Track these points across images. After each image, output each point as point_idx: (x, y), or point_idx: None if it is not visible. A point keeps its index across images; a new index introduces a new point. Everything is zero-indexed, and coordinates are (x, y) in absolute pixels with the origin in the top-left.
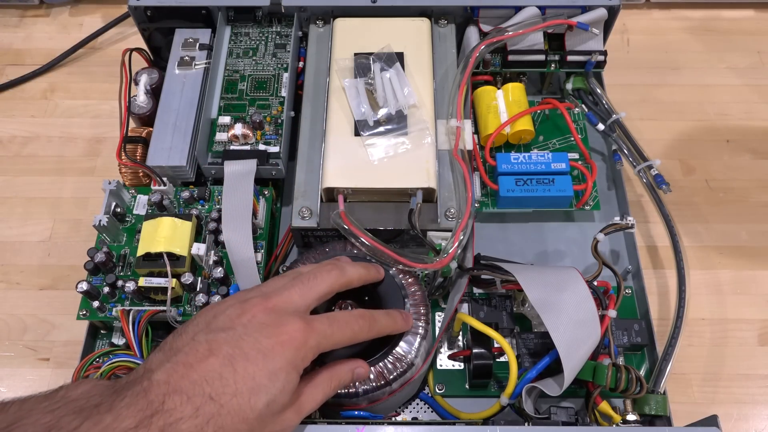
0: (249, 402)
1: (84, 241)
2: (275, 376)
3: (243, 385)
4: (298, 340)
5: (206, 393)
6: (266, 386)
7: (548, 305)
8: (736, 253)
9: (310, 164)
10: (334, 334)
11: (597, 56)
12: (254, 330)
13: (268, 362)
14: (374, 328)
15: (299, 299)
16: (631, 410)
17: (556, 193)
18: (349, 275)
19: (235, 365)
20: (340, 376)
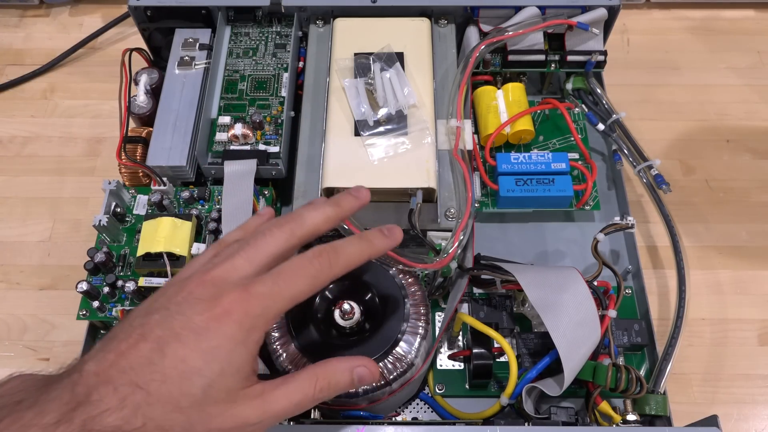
0: (180, 388)
1: (84, 241)
2: (210, 356)
3: (172, 369)
4: (237, 311)
5: (133, 381)
6: (199, 369)
7: (548, 305)
8: (736, 253)
9: (310, 164)
10: (283, 289)
11: (597, 56)
12: (187, 307)
13: (201, 341)
14: (338, 261)
15: (244, 264)
16: (631, 410)
17: (556, 193)
18: (309, 224)
19: (164, 349)
20: (330, 375)
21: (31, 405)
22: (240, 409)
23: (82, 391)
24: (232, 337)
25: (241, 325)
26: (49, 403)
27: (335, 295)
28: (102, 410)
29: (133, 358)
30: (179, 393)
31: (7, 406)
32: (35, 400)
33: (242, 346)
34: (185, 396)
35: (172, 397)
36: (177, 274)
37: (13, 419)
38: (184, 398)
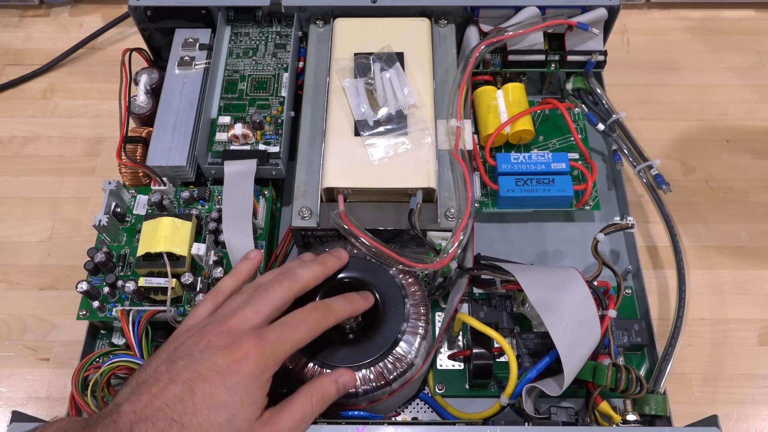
0: (209, 418)
1: (84, 241)
2: (233, 390)
3: (202, 403)
4: (253, 354)
5: (169, 416)
6: (224, 402)
7: (548, 305)
8: (736, 253)
9: (310, 164)
10: (289, 336)
11: (597, 56)
12: (210, 354)
13: (225, 380)
14: (330, 316)
15: (254, 316)
16: (631, 410)
17: (556, 193)
18: (302, 280)
19: (194, 388)
20: (322, 389)
21: None
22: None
23: (125, 428)
24: (250, 375)
25: (257, 365)
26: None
27: (335, 295)
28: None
29: (167, 397)
30: (208, 423)
31: None
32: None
33: (258, 383)
34: (213, 425)
35: (203, 426)
36: (184, 323)
37: None
38: (212, 427)
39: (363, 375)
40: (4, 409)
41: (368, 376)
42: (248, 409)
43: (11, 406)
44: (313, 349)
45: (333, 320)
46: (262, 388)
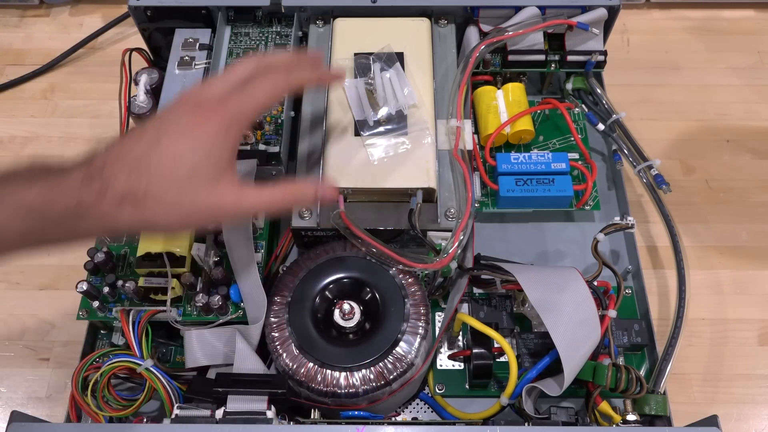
0: (173, 165)
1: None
2: (197, 144)
3: (167, 152)
4: (216, 114)
5: (136, 159)
6: (187, 153)
7: (548, 305)
8: (736, 253)
9: (310, 164)
10: (251, 97)
11: (597, 56)
12: (176, 116)
13: (188, 135)
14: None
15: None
16: (631, 410)
17: (556, 193)
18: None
19: (160, 140)
20: (299, 189)
21: (57, 174)
22: (219, 189)
23: (97, 167)
24: (213, 132)
25: (220, 123)
26: (71, 173)
27: (335, 295)
28: (114, 176)
29: (136, 147)
30: (172, 168)
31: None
32: (59, 171)
33: (222, 139)
34: (176, 171)
35: (167, 171)
36: None
37: (44, 183)
38: (175, 173)
39: (363, 375)
40: (4, 409)
41: (368, 376)
42: (212, 165)
43: (11, 406)
44: (313, 349)
45: (294, 82)
46: (228, 145)
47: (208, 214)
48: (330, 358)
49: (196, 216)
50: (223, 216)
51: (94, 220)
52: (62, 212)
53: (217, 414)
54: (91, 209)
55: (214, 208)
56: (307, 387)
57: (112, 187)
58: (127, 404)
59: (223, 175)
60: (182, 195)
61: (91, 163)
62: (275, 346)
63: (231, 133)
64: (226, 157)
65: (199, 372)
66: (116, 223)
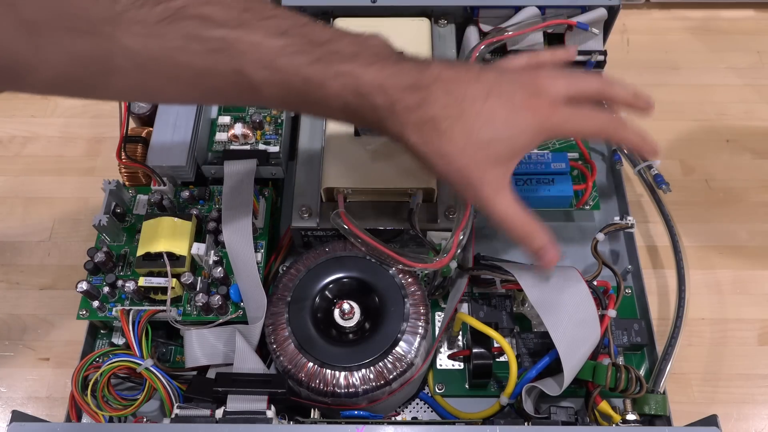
0: (482, 125)
1: (84, 241)
2: (510, 124)
3: (485, 111)
4: (542, 112)
5: (459, 100)
6: (498, 125)
7: (548, 305)
8: (736, 253)
9: (310, 164)
10: (578, 120)
11: (597, 56)
12: (516, 86)
13: (510, 111)
14: (623, 130)
15: (563, 87)
16: (631, 410)
17: (556, 193)
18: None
19: (488, 96)
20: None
21: (395, 62)
22: (489, 175)
23: (426, 81)
24: (531, 124)
25: (541, 123)
26: (404, 71)
27: (335, 295)
28: (435, 100)
29: (465, 88)
30: (478, 128)
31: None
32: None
33: (531, 135)
34: (479, 133)
35: (473, 126)
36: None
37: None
38: (476, 133)
39: (363, 375)
40: (4, 409)
41: (368, 375)
42: (505, 151)
43: (11, 405)
44: (313, 349)
45: (620, 138)
46: (528, 145)
47: (462, 186)
48: (330, 358)
49: (454, 179)
50: (469, 196)
51: (395, 125)
52: (378, 105)
53: (217, 414)
54: (399, 115)
55: (472, 185)
56: (306, 387)
57: (426, 108)
58: (127, 404)
59: (503, 166)
60: (463, 154)
61: (423, 72)
62: (275, 345)
63: (541, 135)
64: (519, 152)
65: (199, 372)
66: (405, 137)
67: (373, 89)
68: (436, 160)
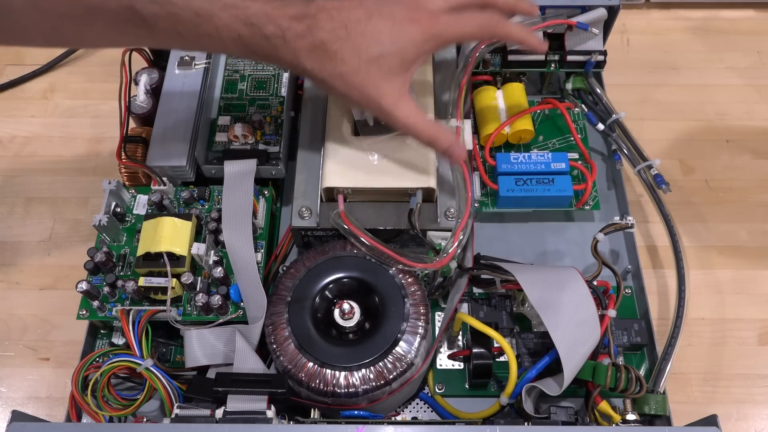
0: (369, 43)
1: (84, 241)
2: (396, 38)
3: (370, 30)
4: (424, 23)
5: (344, 23)
6: (384, 41)
7: (548, 305)
8: (736, 253)
9: (310, 164)
10: (458, 24)
11: (597, 56)
12: (395, 4)
13: (394, 26)
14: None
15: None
16: (631, 410)
17: (556, 192)
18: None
19: (371, 17)
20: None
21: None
22: (387, 87)
23: (311, 12)
24: (415, 35)
25: (425, 32)
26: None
27: (335, 295)
28: (319, 26)
29: (347, 14)
30: (366, 46)
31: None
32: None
33: (418, 45)
34: (367, 50)
35: (361, 45)
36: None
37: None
38: (366, 51)
39: (363, 375)
40: (4, 409)
41: (368, 375)
42: (396, 64)
43: (11, 405)
44: (313, 349)
45: (502, 32)
46: (418, 55)
47: (363, 102)
48: (330, 358)
49: (354, 97)
50: (371, 109)
51: (289, 54)
52: (268, 34)
53: (217, 414)
54: (290, 43)
55: (371, 100)
56: (306, 387)
57: (313, 34)
58: (127, 404)
59: (398, 77)
60: (357, 73)
61: (308, 4)
62: (275, 345)
63: (428, 44)
64: (411, 63)
65: (199, 372)
66: (301, 65)
67: (261, 19)
68: (334, 82)
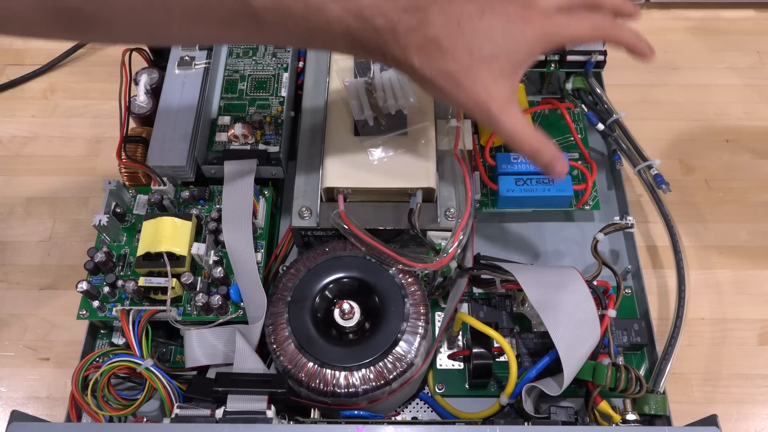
0: (482, 42)
1: (84, 241)
2: (509, 38)
3: (483, 28)
4: (538, 22)
5: (456, 19)
6: (497, 40)
7: (548, 305)
8: (736, 253)
9: (310, 164)
10: (571, 25)
11: (597, 56)
12: (506, 3)
13: (507, 25)
14: (615, 31)
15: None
16: (631, 410)
17: (555, 192)
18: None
19: (483, 15)
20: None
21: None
22: (495, 89)
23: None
24: (528, 35)
25: (538, 32)
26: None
27: (335, 295)
28: (433, 21)
29: (462, 7)
30: (478, 45)
31: None
32: None
33: (531, 46)
34: (479, 49)
35: (473, 44)
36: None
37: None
38: (477, 50)
39: (363, 375)
40: (4, 409)
41: (368, 375)
42: (507, 63)
43: (11, 405)
44: (313, 349)
45: (614, 36)
46: (530, 55)
47: (471, 105)
48: (330, 358)
49: (461, 98)
50: (476, 115)
51: (398, 49)
52: (379, 28)
53: (217, 413)
54: (401, 37)
55: (479, 102)
56: (306, 387)
57: (427, 28)
58: (127, 404)
59: (507, 80)
60: (468, 72)
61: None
62: (275, 345)
63: (540, 45)
64: (521, 65)
65: (199, 372)
66: (409, 61)
67: (373, 11)
68: (442, 81)
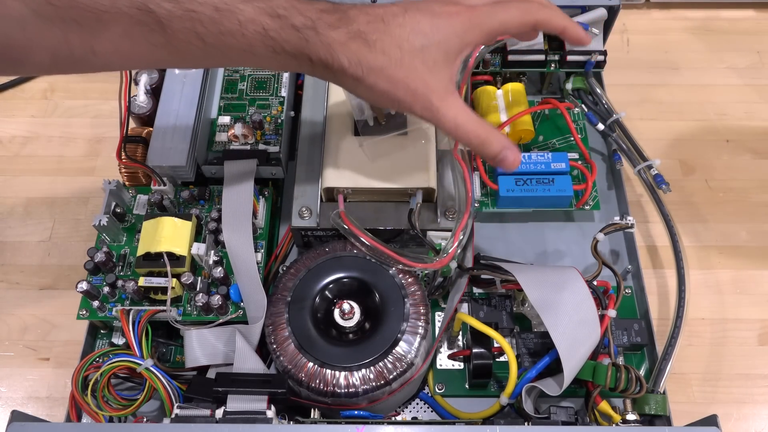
0: (409, 35)
1: (84, 241)
2: (436, 29)
3: (408, 22)
4: (463, 15)
5: (380, 16)
6: (425, 32)
7: (548, 305)
8: (736, 253)
9: (310, 164)
10: (498, 12)
11: (597, 56)
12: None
13: (432, 19)
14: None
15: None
16: (631, 410)
17: (555, 192)
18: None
19: (406, 12)
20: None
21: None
22: (432, 81)
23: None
24: (456, 26)
25: (465, 22)
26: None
27: (335, 295)
28: (355, 18)
29: (381, 10)
30: (407, 38)
31: None
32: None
33: (460, 36)
34: (409, 42)
35: (401, 37)
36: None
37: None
38: (407, 43)
39: (363, 375)
40: (4, 409)
41: (368, 375)
42: (440, 55)
43: (11, 405)
44: (313, 349)
45: (543, 18)
46: (461, 46)
47: (408, 99)
48: (330, 358)
49: (399, 92)
50: (416, 108)
51: (322, 48)
52: (298, 25)
53: (217, 414)
54: (323, 34)
55: (418, 95)
56: (306, 387)
57: (349, 24)
58: (127, 404)
59: (443, 71)
60: (401, 65)
61: (338, 4)
62: (275, 345)
63: (469, 35)
64: (455, 55)
65: (199, 372)
66: (336, 60)
67: (289, 10)
68: (373, 78)
